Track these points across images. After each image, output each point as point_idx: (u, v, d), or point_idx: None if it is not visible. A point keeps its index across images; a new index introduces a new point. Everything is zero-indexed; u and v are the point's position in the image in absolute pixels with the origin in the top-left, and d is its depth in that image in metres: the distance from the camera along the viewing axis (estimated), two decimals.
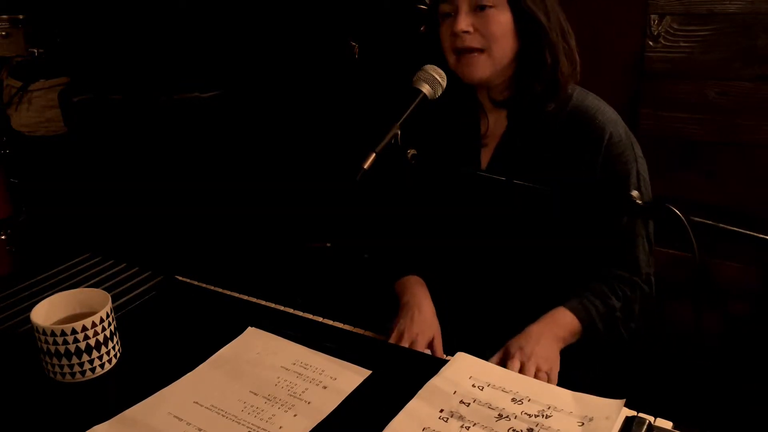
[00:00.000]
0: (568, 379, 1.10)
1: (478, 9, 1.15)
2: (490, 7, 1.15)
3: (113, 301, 1.03)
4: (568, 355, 1.18)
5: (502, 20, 1.16)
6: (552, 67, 1.19)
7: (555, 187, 0.98)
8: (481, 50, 1.17)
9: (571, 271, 1.26)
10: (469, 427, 0.85)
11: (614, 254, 1.24)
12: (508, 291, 1.29)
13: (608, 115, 1.22)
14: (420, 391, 0.92)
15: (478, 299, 1.32)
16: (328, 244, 2.10)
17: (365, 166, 0.92)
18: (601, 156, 1.19)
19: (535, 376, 1.08)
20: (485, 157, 1.29)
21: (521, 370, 1.07)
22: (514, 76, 1.23)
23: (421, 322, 1.20)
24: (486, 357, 1.07)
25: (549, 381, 1.08)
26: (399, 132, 0.96)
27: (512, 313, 1.27)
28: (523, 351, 1.11)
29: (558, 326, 1.18)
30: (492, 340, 1.17)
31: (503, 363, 1.10)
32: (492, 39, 1.16)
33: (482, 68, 1.18)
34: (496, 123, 1.28)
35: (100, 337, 0.99)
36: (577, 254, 1.25)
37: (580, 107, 1.22)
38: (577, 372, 1.16)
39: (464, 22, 1.15)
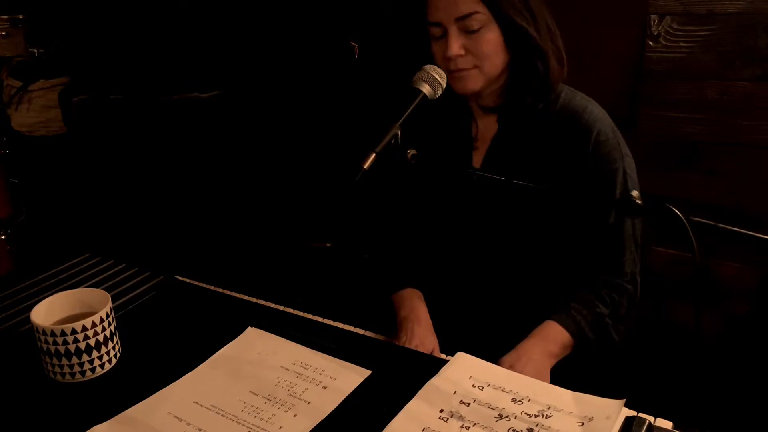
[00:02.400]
0: (568, 379, 1.10)
1: (468, 31, 1.15)
2: (479, 28, 1.14)
3: (113, 301, 1.03)
4: (567, 356, 1.18)
5: (491, 38, 1.16)
6: (543, 73, 1.19)
7: (545, 187, 0.98)
8: (473, 68, 1.18)
9: (563, 270, 1.27)
10: (469, 427, 0.85)
11: (599, 258, 1.24)
12: (504, 290, 1.29)
13: (595, 113, 1.22)
14: (420, 391, 0.92)
15: (476, 299, 1.32)
16: (328, 244, 2.10)
17: (365, 166, 0.92)
18: (588, 155, 1.20)
19: None
20: (477, 159, 1.29)
21: None
22: (506, 85, 1.23)
23: (420, 335, 1.21)
24: (486, 357, 1.07)
25: None
26: (399, 132, 0.96)
27: (510, 313, 1.27)
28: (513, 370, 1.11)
29: (549, 341, 1.17)
30: (491, 341, 1.17)
31: None
32: (483, 57, 1.16)
33: (474, 82, 1.19)
34: (486, 126, 1.28)
35: (100, 337, 0.99)
36: (568, 253, 1.26)
37: (567, 107, 1.23)
38: (577, 372, 1.16)
39: (455, 47, 1.15)
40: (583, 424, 0.85)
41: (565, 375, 1.12)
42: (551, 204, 1.21)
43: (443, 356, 1.16)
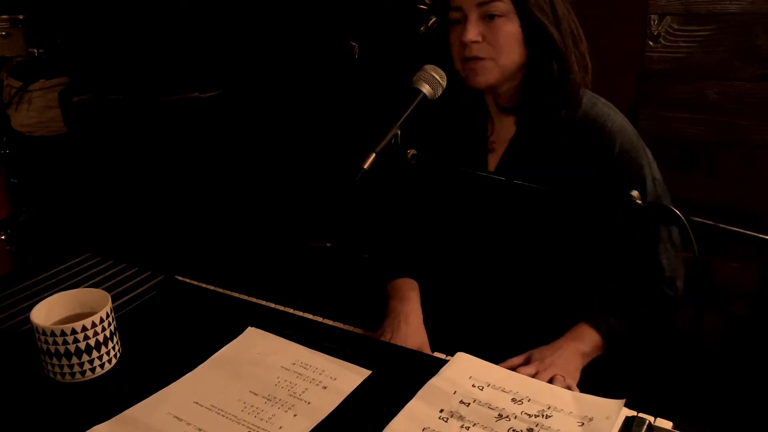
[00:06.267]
0: None
1: (488, 18, 1.14)
2: (500, 16, 1.13)
3: (113, 301, 1.03)
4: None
5: (510, 30, 1.14)
6: (560, 76, 1.17)
7: (561, 191, 0.98)
8: (488, 59, 1.16)
9: (570, 273, 1.26)
10: (469, 427, 0.85)
11: (636, 261, 1.22)
12: (509, 291, 1.29)
13: (618, 122, 1.20)
14: (420, 391, 0.92)
15: (480, 299, 1.32)
16: (328, 244, 2.10)
17: (365, 166, 0.92)
18: (612, 164, 1.18)
19: (553, 379, 1.07)
20: (492, 162, 1.28)
21: (535, 376, 1.07)
22: (522, 83, 1.21)
23: (406, 334, 1.20)
24: (486, 357, 1.07)
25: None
26: (399, 132, 0.96)
27: (513, 314, 1.27)
28: (543, 362, 1.11)
29: (581, 341, 1.17)
30: (492, 340, 1.17)
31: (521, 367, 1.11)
32: (500, 49, 1.15)
33: (488, 74, 1.17)
34: (503, 128, 1.27)
35: (100, 337, 0.99)
36: (582, 257, 1.25)
37: (589, 114, 1.20)
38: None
39: (473, 32, 1.14)
40: (583, 424, 0.85)
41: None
42: (561, 206, 1.20)
43: (443, 356, 1.16)
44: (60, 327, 0.96)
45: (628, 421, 0.85)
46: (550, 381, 1.06)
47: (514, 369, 1.04)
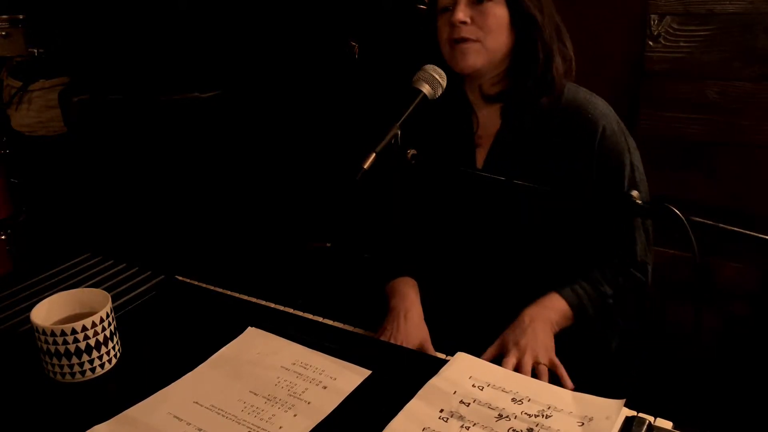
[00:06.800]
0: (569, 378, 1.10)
1: (476, 2, 1.17)
2: (488, 0, 1.17)
3: (113, 301, 1.03)
4: (568, 353, 1.19)
5: (498, 13, 1.18)
6: (545, 63, 1.20)
7: (551, 184, 0.99)
8: (476, 40, 1.19)
9: (567, 266, 1.27)
10: (469, 427, 0.85)
11: (610, 242, 1.26)
12: (507, 288, 1.29)
13: (600, 108, 1.23)
14: (420, 391, 0.92)
15: (478, 298, 1.32)
16: (328, 244, 2.10)
17: (365, 166, 0.92)
18: (595, 150, 1.21)
19: (537, 369, 1.08)
20: (480, 157, 1.29)
21: (519, 365, 1.08)
22: (508, 70, 1.24)
23: (407, 329, 1.20)
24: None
25: (555, 366, 1.10)
26: (399, 132, 0.96)
27: (512, 311, 1.27)
28: (519, 346, 1.12)
29: (549, 310, 1.20)
30: (493, 340, 1.17)
31: (499, 357, 1.11)
32: (488, 31, 1.18)
33: (476, 56, 1.19)
34: (488, 122, 1.28)
35: (100, 337, 0.99)
36: (575, 249, 1.26)
37: (572, 103, 1.23)
38: (577, 372, 1.16)
39: (462, 13, 1.17)
40: (583, 424, 0.85)
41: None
42: (556, 201, 1.22)
43: (443, 356, 1.16)
44: (60, 327, 0.96)
45: (628, 421, 0.85)
46: (534, 375, 1.08)
47: (492, 362, 1.04)
